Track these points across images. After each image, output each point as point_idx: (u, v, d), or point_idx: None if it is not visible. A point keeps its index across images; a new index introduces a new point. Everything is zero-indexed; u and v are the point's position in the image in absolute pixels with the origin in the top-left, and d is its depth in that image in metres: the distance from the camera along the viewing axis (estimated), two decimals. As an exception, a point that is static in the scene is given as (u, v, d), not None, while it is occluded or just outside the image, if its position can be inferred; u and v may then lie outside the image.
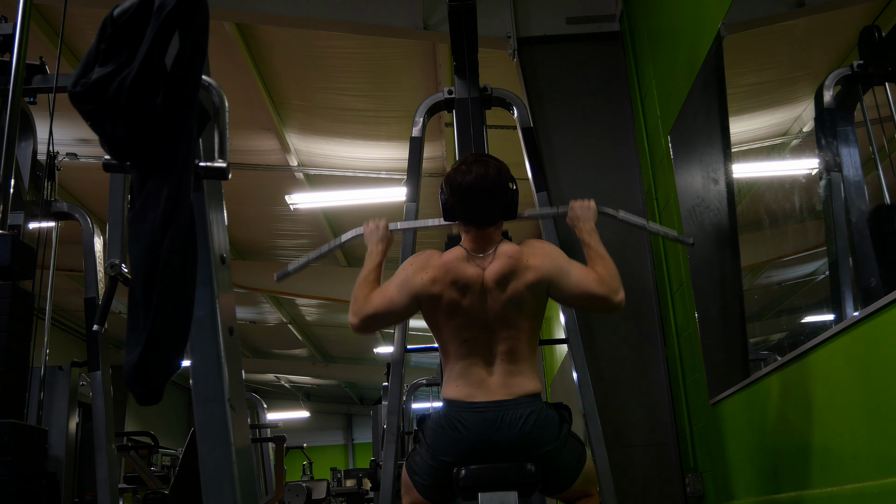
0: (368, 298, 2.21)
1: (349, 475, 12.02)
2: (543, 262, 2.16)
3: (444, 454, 2.10)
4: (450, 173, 2.23)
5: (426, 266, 2.17)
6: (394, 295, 2.19)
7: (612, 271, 2.21)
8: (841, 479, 2.05)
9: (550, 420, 2.10)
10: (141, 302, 1.57)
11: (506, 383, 2.11)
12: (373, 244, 2.40)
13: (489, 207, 2.18)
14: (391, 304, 2.19)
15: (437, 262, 2.17)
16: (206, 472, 1.83)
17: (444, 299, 2.14)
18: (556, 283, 2.16)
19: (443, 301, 2.14)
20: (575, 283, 2.17)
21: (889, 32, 1.88)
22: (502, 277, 2.13)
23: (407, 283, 2.18)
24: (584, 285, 2.17)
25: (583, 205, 2.40)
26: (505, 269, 2.13)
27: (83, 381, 3.99)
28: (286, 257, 10.06)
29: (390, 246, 2.42)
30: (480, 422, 2.07)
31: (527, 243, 2.22)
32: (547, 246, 2.24)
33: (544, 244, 2.25)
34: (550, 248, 2.23)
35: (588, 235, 2.32)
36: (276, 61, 5.89)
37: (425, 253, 2.23)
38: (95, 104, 1.55)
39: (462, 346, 2.14)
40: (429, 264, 2.17)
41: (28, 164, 3.57)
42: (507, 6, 4.28)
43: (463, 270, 2.14)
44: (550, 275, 2.15)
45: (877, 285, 1.98)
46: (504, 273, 2.13)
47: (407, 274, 2.19)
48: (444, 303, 2.14)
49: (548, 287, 2.16)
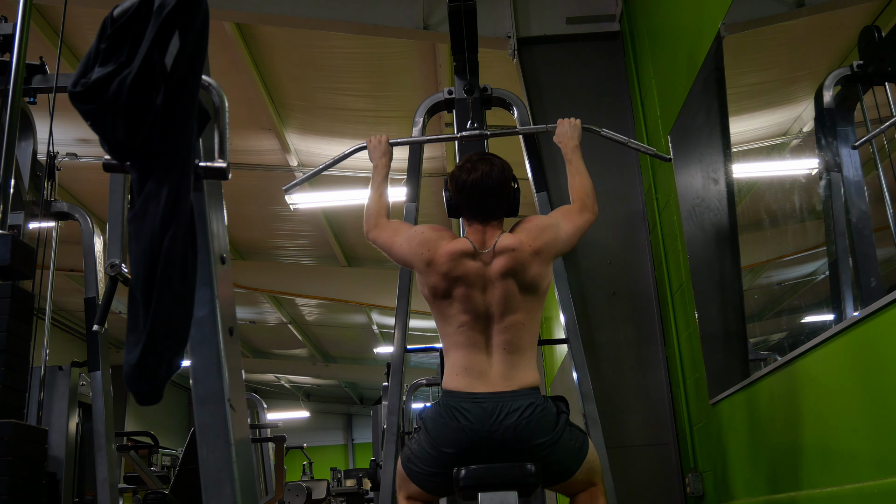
0: (380, 224, 2.41)
1: (349, 475, 12.02)
2: (545, 240, 2.25)
3: (444, 444, 2.11)
4: (455, 171, 2.32)
5: (430, 247, 2.23)
6: (397, 241, 2.34)
7: (589, 188, 2.45)
8: (841, 479, 2.05)
9: (548, 412, 2.12)
10: (141, 302, 1.56)
11: (506, 374, 2.14)
12: (376, 158, 2.62)
13: (494, 203, 2.27)
14: (391, 246, 2.36)
15: (440, 249, 2.22)
16: (206, 472, 1.83)
17: (432, 282, 2.22)
18: (559, 246, 2.31)
19: (431, 283, 2.22)
20: (570, 232, 2.34)
21: (889, 32, 1.88)
22: (510, 271, 2.18)
23: (409, 243, 2.29)
24: (574, 226, 2.36)
25: (569, 122, 2.64)
26: (512, 264, 2.19)
27: (83, 381, 3.99)
28: (286, 257, 10.07)
29: (392, 158, 2.63)
30: (480, 412, 2.09)
31: (522, 227, 2.28)
32: (540, 221, 2.32)
33: (537, 220, 2.32)
34: (542, 222, 2.32)
35: (572, 152, 2.56)
36: (276, 61, 5.90)
37: (438, 232, 2.28)
38: (95, 104, 1.54)
39: (460, 332, 2.19)
40: (433, 247, 2.23)
41: (28, 164, 3.57)
42: (507, 6, 4.28)
43: (462, 264, 2.19)
44: (554, 244, 2.28)
45: (877, 285, 1.98)
46: (512, 267, 2.19)
47: (413, 239, 2.29)
48: (433, 285, 2.22)
49: (555, 254, 2.30)
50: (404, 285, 2.97)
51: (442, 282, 2.20)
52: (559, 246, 2.31)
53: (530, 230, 2.26)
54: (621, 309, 3.81)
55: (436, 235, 2.27)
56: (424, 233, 2.29)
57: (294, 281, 10.21)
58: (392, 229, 2.39)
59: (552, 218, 2.37)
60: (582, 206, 2.41)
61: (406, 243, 2.30)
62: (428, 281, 2.23)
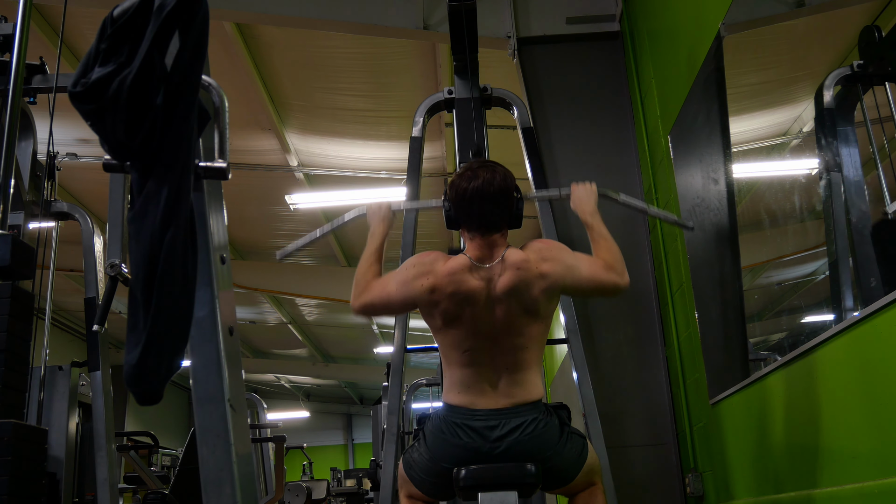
0: (369, 286, 2.22)
1: (349, 475, 12.03)
2: (555, 267, 2.12)
3: (444, 460, 2.10)
4: (454, 179, 2.19)
5: (428, 272, 2.12)
6: (392, 291, 2.18)
7: (616, 254, 2.23)
8: (841, 479, 2.05)
9: (551, 427, 2.10)
10: (141, 302, 1.57)
11: (508, 392, 2.09)
12: (375, 224, 2.42)
13: (495, 212, 2.14)
14: (388, 299, 2.20)
15: (439, 270, 2.11)
16: (206, 472, 1.83)
17: (441, 308, 2.11)
18: (568, 282, 2.15)
19: (440, 309, 2.11)
20: (586, 278, 2.16)
21: (889, 32, 1.88)
22: (513, 289, 2.09)
23: (406, 284, 2.15)
24: (594, 277, 2.17)
25: (584, 188, 2.45)
26: (516, 281, 2.09)
27: (83, 381, 3.99)
28: (286, 257, 10.06)
29: (392, 226, 2.44)
30: (481, 429, 2.07)
31: (531, 247, 2.17)
32: (552, 247, 2.20)
33: (549, 245, 2.20)
34: (556, 249, 2.19)
35: (591, 217, 2.35)
36: (276, 61, 5.90)
37: (430, 255, 2.17)
38: (95, 104, 1.54)
39: (464, 356, 2.12)
40: (431, 270, 2.12)
41: (28, 164, 3.57)
42: (507, 6, 4.28)
43: (466, 282, 2.09)
44: (563, 277, 2.13)
45: (877, 285, 1.98)
46: (515, 285, 2.09)
47: (407, 276, 2.16)
48: (442, 311, 2.11)
49: (562, 289, 2.16)
50: (404, 285, 2.96)
51: (450, 304, 2.09)
52: (568, 282, 2.15)
53: (540, 250, 2.15)
54: (621, 309, 3.80)
55: (429, 259, 2.15)
56: (416, 264, 2.16)
57: (294, 281, 10.21)
58: (381, 285, 2.22)
59: (573, 254, 2.20)
60: (608, 267, 2.19)
61: (403, 285, 2.16)
62: (436, 310, 2.12)
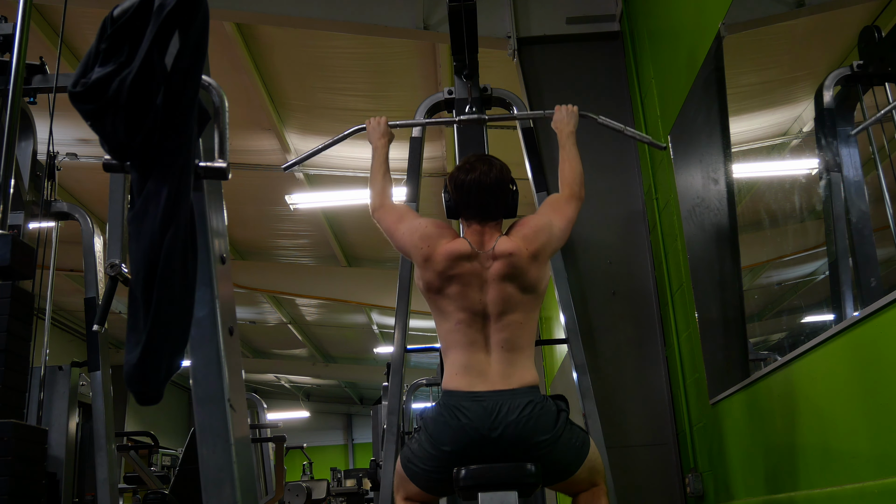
0: (384, 202, 2.46)
1: (349, 475, 12.04)
2: (540, 240, 2.26)
3: (444, 443, 2.12)
4: (454, 171, 2.33)
5: (429, 241, 2.24)
6: (399, 228, 2.36)
7: (578, 173, 2.50)
8: (841, 479, 2.05)
9: (548, 410, 2.13)
10: (141, 302, 1.57)
11: (505, 373, 2.15)
12: (376, 139, 2.66)
13: (492, 203, 2.27)
14: (392, 233, 2.38)
15: (439, 248, 2.22)
16: (206, 472, 1.83)
17: (427, 276, 2.24)
18: (555, 244, 2.33)
19: (427, 278, 2.24)
20: (563, 227, 2.37)
21: (889, 32, 1.88)
22: (507, 274, 2.20)
23: (410, 234, 2.30)
24: (566, 219, 2.39)
25: (566, 109, 2.71)
26: (509, 268, 2.20)
27: (83, 381, 3.99)
28: (286, 257, 10.07)
29: (392, 140, 2.69)
30: (480, 410, 2.10)
31: (517, 231, 2.28)
32: (535, 222, 2.32)
33: (533, 222, 2.32)
34: (537, 223, 2.31)
35: (566, 138, 2.62)
36: (276, 61, 5.90)
37: (440, 227, 2.29)
38: (95, 104, 1.54)
39: (457, 330, 2.20)
40: (432, 245, 2.24)
41: (28, 164, 3.57)
42: (507, 6, 4.28)
43: (459, 265, 2.21)
44: (549, 244, 2.29)
45: (877, 285, 1.98)
46: (509, 272, 2.20)
47: (414, 234, 2.29)
48: (428, 280, 2.24)
49: (550, 254, 2.32)
50: (404, 285, 2.97)
51: (437, 279, 2.22)
52: (555, 244, 2.33)
53: (526, 234, 2.27)
54: (621, 309, 3.81)
55: (437, 232, 2.27)
56: (427, 228, 2.29)
57: (294, 281, 10.21)
58: (397, 215, 2.41)
59: (545, 216, 2.37)
60: (570, 193, 2.45)
61: (408, 234, 2.32)
62: (424, 276, 2.25)
